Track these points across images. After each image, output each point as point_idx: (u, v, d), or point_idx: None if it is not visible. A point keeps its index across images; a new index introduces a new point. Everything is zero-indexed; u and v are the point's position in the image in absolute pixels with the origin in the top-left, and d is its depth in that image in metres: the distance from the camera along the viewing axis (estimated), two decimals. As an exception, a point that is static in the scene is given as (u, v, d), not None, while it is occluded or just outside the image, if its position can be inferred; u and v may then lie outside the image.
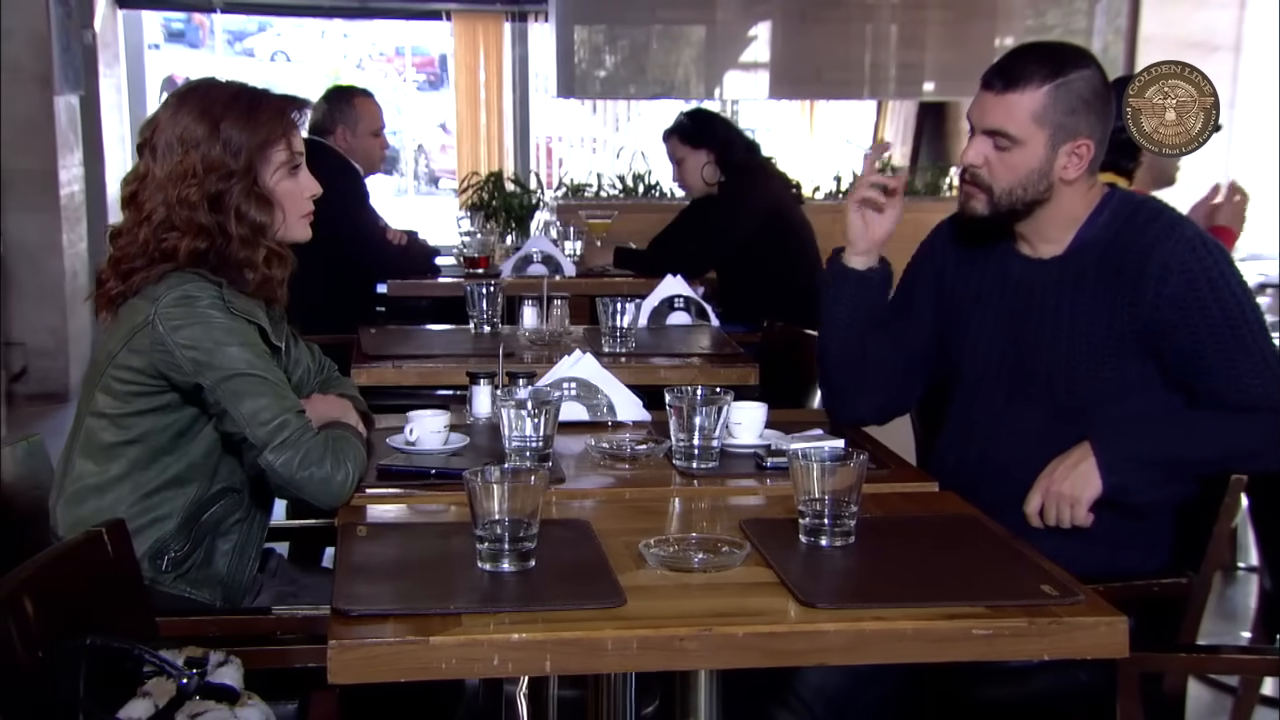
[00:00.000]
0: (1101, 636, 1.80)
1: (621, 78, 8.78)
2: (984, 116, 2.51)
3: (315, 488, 2.27)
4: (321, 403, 2.53)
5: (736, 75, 8.97)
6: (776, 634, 1.78)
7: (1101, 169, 3.69)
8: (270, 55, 19.31)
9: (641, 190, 8.32)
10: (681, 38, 8.91)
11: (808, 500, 2.05)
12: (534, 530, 1.93)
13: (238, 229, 2.39)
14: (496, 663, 1.74)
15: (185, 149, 2.38)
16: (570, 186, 8.48)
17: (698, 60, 8.84)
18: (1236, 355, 2.41)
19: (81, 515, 2.34)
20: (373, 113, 5.07)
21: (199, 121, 2.39)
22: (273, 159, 2.44)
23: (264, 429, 2.28)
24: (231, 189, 2.38)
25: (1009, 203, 2.51)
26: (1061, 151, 2.48)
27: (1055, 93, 2.45)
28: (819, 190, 8.68)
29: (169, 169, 2.38)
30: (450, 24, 9.08)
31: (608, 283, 5.00)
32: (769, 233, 5.01)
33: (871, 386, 2.75)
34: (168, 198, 2.37)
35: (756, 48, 8.91)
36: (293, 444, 2.27)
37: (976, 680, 2.41)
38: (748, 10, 8.78)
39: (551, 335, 3.68)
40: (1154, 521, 2.53)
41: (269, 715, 1.94)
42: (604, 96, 10.01)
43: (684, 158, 5.16)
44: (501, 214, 6.43)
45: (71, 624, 1.86)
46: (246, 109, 2.42)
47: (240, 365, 2.30)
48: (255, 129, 2.41)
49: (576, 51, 8.66)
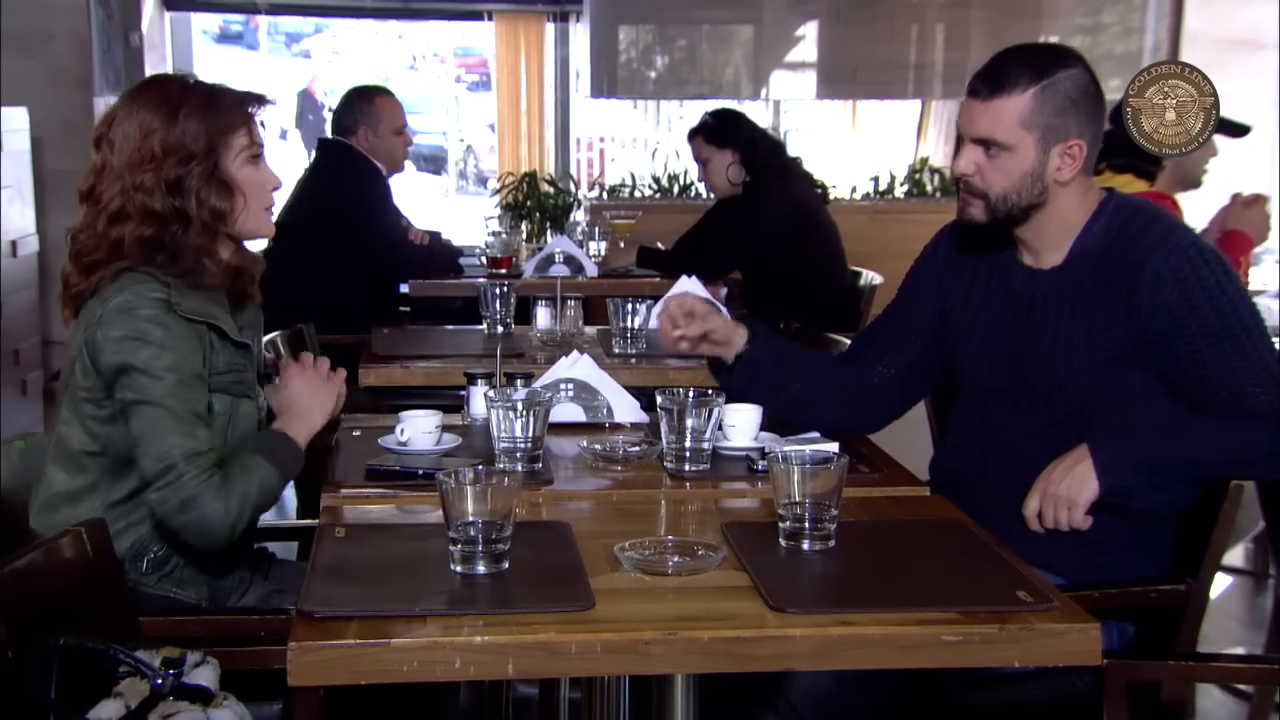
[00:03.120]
0: (1073, 643, 1.77)
1: (664, 78, 8.76)
2: (972, 125, 2.49)
3: (191, 533, 2.28)
4: (298, 380, 2.50)
5: (783, 75, 8.93)
6: (742, 639, 1.75)
7: (1120, 171, 3.69)
8: (326, 56, 19.45)
9: (676, 190, 8.29)
10: (731, 38, 8.87)
11: (787, 504, 2.03)
12: (507, 532, 1.92)
13: (198, 213, 2.36)
14: (458, 665, 1.73)
15: (143, 136, 2.36)
16: (604, 187, 8.47)
17: (744, 60, 8.81)
18: (1235, 363, 2.37)
19: (55, 522, 2.33)
20: (394, 111, 5.06)
21: (157, 111, 2.37)
22: (234, 144, 2.42)
23: (151, 464, 2.27)
24: (191, 172, 2.36)
25: (1005, 208, 2.48)
26: (1053, 153, 2.44)
27: (1041, 95, 2.42)
28: (856, 190, 8.63)
29: (126, 157, 2.36)
30: (492, 24, 9.10)
31: (628, 283, 4.97)
32: (794, 233, 4.98)
33: (863, 400, 2.73)
34: (124, 185, 2.36)
35: (803, 48, 8.86)
36: (173, 486, 2.25)
37: (968, 686, 2.38)
38: (794, 10, 8.74)
39: (564, 336, 3.67)
40: (1155, 527, 2.49)
41: (244, 716, 1.93)
42: (641, 96, 9.96)
43: (709, 158, 5.13)
44: (536, 214, 6.42)
45: (48, 624, 1.86)
46: (205, 98, 2.41)
47: (153, 393, 2.27)
48: (215, 115, 2.40)
49: (624, 51, 8.64)
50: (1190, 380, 2.41)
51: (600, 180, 8.88)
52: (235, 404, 2.44)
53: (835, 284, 5.10)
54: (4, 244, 5.98)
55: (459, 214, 11.18)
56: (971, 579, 1.94)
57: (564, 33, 9.09)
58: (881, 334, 2.81)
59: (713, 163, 5.12)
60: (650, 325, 3.75)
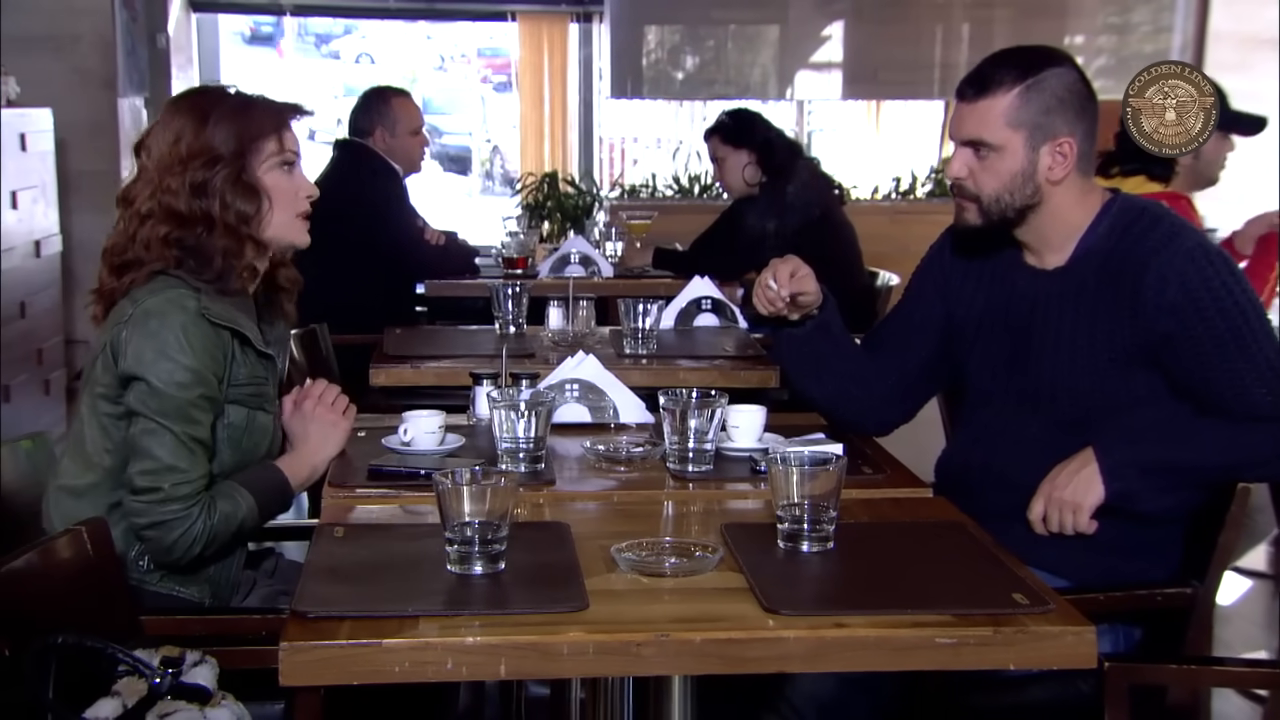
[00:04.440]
0: (1068, 646, 1.76)
1: (689, 78, 8.75)
2: (960, 127, 2.49)
3: (151, 548, 2.34)
4: (312, 425, 2.53)
5: (808, 75, 8.92)
6: (735, 640, 1.75)
7: (1131, 174, 3.67)
8: (355, 57, 19.51)
9: (697, 191, 8.28)
10: (758, 38, 8.86)
11: (786, 505, 2.02)
12: (504, 533, 1.92)
13: (222, 215, 2.38)
14: (450, 666, 1.72)
15: (175, 140, 2.39)
16: (625, 187, 8.46)
17: (771, 61, 8.79)
18: (1241, 365, 2.35)
19: (59, 514, 2.37)
20: (411, 112, 5.08)
21: (190, 117, 2.41)
22: (263, 149, 2.44)
23: (140, 477, 2.30)
24: (216, 175, 2.38)
25: (999, 210, 2.47)
26: (1043, 152, 2.43)
27: (1027, 94, 2.42)
28: (877, 191, 8.60)
29: (158, 162, 2.40)
30: (516, 25, 9.11)
31: (643, 284, 4.96)
32: (810, 234, 4.95)
33: (864, 404, 2.73)
34: (154, 188, 2.39)
35: (829, 48, 8.85)
36: (152, 506, 2.29)
37: (971, 689, 2.37)
38: (820, 10, 8.73)
39: (575, 336, 3.67)
40: (1163, 530, 2.48)
41: (242, 715, 1.94)
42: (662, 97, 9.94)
43: (725, 158, 5.11)
44: (556, 215, 6.43)
45: (47, 623, 1.87)
46: (238, 105, 2.44)
47: (160, 411, 2.29)
48: (247, 121, 2.42)
49: (648, 52, 8.64)
50: (1195, 382, 2.39)
51: (620, 180, 8.88)
52: (251, 416, 2.45)
53: (852, 285, 5.07)
54: (28, 244, 6.02)
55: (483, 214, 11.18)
56: (968, 581, 1.92)
57: (587, 33, 9.09)
58: (890, 335, 2.80)
59: (729, 163, 5.11)
60: (662, 325, 3.75)
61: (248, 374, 2.43)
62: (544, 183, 6.60)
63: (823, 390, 2.74)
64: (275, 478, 2.44)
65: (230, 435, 2.41)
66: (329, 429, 2.52)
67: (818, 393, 2.74)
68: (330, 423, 2.53)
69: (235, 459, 2.42)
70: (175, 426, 2.29)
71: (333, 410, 2.54)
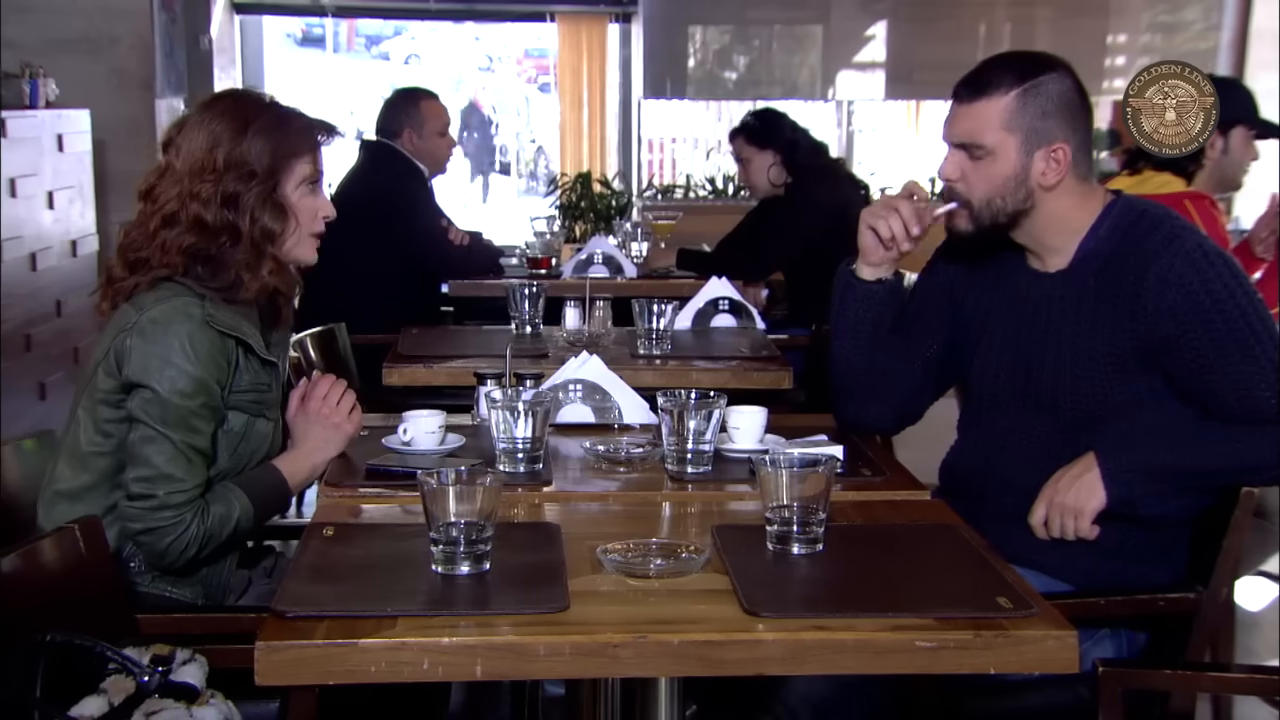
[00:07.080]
0: (1049, 651, 1.74)
1: (735, 80, 8.74)
2: (954, 129, 2.47)
3: (144, 551, 2.35)
4: (314, 426, 2.53)
5: (850, 76, 8.88)
6: (713, 642, 1.74)
7: (1160, 169, 3.63)
8: (404, 59, 19.61)
9: (731, 191, 8.26)
10: (804, 38, 8.84)
11: (775, 507, 2.02)
12: (489, 533, 1.92)
13: (249, 230, 2.38)
14: (426, 666, 1.72)
15: (210, 146, 2.38)
16: (659, 188, 8.45)
17: (815, 62, 8.76)
18: (1243, 367, 2.32)
19: (54, 518, 2.36)
20: (438, 113, 5.09)
21: (228, 124, 2.40)
22: (297, 170, 2.44)
23: (136, 484, 2.30)
24: (250, 190, 2.38)
25: (990, 214, 2.45)
26: (1036, 157, 2.41)
27: (1023, 97, 2.39)
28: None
29: (190, 164, 2.39)
30: (555, 25, 9.12)
31: (663, 284, 4.95)
32: (835, 235, 4.89)
33: (880, 394, 2.69)
34: (183, 191, 2.38)
35: (871, 48, 8.81)
36: (147, 512, 2.30)
37: (968, 693, 2.35)
38: (863, 10, 8.69)
39: (590, 336, 3.67)
40: (1168, 534, 2.45)
41: (230, 714, 1.94)
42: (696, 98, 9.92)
43: (750, 158, 5.10)
44: (590, 215, 6.43)
45: (38, 621, 1.88)
46: (277, 119, 2.43)
47: (162, 420, 2.30)
48: (284, 138, 2.42)
49: (682, 53, 8.64)
50: (1198, 385, 2.36)
51: (652, 181, 8.86)
52: (251, 423, 2.45)
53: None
54: (64, 244, 6.08)
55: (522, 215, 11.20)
56: (953, 584, 1.91)
57: (626, 34, 9.09)
58: (898, 334, 2.77)
59: (754, 163, 5.09)
60: (679, 326, 3.74)
61: (250, 381, 2.43)
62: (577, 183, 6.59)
63: (868, 361, 2.67)
64: (273, 478, 2.45)
65: (229, 441, 2.42)
66: (331, 431, 2.52)
67: (861, 362, 2.67)
68: (334, 425, 2.52)
69: (232, 464, 2.43)
70: (175, 435, 2.30)
71: (337, 412, 2.54)
